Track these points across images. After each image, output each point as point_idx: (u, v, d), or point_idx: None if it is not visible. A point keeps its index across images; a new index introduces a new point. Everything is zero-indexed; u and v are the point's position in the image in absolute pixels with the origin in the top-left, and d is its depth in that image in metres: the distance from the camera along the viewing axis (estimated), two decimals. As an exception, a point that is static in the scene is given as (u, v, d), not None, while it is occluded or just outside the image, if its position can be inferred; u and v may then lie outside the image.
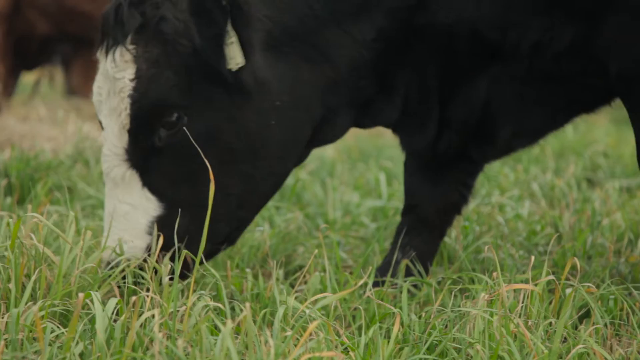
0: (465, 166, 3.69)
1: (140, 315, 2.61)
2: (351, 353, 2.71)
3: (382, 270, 3.60)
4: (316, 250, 3.35)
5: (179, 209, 3.13)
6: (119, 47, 3.11)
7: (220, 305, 2.78)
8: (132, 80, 3.10)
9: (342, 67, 3.24)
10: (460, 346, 2.74)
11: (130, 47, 3.11)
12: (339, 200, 5.01)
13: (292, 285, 3.63)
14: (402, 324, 2.90)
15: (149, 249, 3.11)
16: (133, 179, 3.14)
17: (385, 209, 4.88)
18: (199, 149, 3.03)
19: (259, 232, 4.16)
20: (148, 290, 2.91)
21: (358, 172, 6.09)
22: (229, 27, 3.07)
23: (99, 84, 3.19)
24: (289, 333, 2.64)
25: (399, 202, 5.03)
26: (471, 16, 3.20)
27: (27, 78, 11.05)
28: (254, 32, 3.12)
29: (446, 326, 2.94)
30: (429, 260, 3.68)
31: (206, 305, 2.77)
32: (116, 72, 3.12)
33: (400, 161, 6.59)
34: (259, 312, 3.09)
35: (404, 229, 3.69)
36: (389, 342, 2.71)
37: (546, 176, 5.61)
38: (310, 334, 2.67)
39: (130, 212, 3.13)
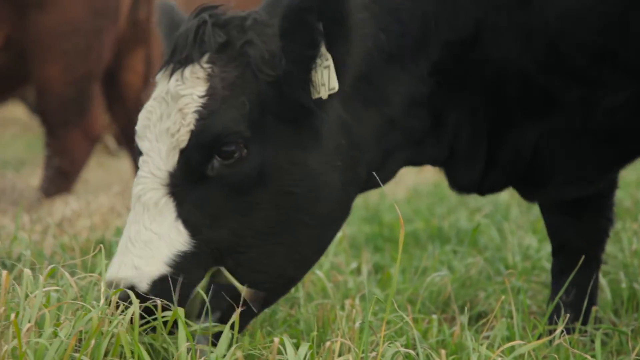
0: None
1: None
2: (546, 403, 2.64)
3: (550, 317, 3.50)
4: (503, 297, 3.28)
5: (213, 251, 2.88)
6: (191, 65, 2.95)
7: (410, 351, 2.77)
8: (201, 97, 2.91)
9: (399, 105, 3.11)
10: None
11: (206, 65, 2.95)
12: (516, 244, 4.92)
13: (476, 332, 3.58)
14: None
15: (160, 280, 2.82)
16: (167, 207, 2.88)
17: (565, 253, 4.75)
18: (251, 187, 2.87)
19: (438, 277, 4.12)
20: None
21: (534, 215, 5.97)
22: (324, 50, 2.92)
23: (150, 108, 2.99)
24: (482, 381, 2.60)
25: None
26: (519, 57, 3.10)
27: None
28: (350, 55, 2.96)
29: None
30: (594, 294, 3.60)
31: (397, 352, 2.76)
32: (182, 89, 2.94)
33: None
34: None
35: (560, 269, 3.62)
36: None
37: None
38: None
39: (154, 241, 2.86)
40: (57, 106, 6.94)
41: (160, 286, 2.80)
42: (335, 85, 2.91)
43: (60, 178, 6.95)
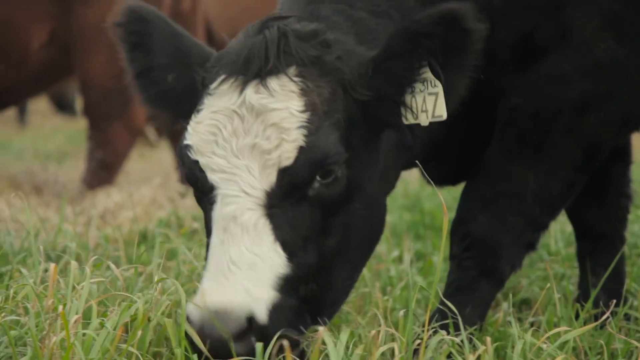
0: (615, 168, 3.62)
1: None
2: (593, 389, 2.62)
3: (582, 301, 3.50)
4: (548, 284, 3.27)
5: (304, 274, 2.79)
6: (275, 78, 2.79)
7: (455, 339, 2.77)
8: (302, 111, 2.78)
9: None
10: None
11: (296, 78, 2.80)
12: (559, 230, 4.89)
13: (519, 319, 3.56)
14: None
15: (275, 307, 2.71)
16: (265, 229, 2.75)
17: (609, 238, 4.72)
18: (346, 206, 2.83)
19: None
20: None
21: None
22: (431, 76, 2.85)
23: (213, 122, 2.82)
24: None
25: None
26: None
27: None
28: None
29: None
30: (623, 273, 3.63)
31: (442, 339, 2.76)
32: (271, 102, 2.78)
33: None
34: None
35: (586, 252, 3.63)
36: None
37: None
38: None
39: (257, 264, 2.72)
40: (100, 99, 7.00)
41: (275, 314, 2.70)
42: (443, 113, 2.86)
43: (103, 170, 7.01)
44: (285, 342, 2.61)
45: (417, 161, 3.05)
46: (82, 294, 2.73)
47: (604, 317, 2.92)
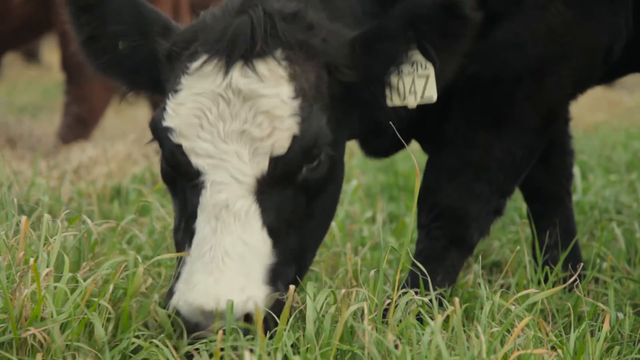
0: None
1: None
2: (559, 351, 2.66)
3: (564, 265, 3.55)
4: (518, 247, 3.30)
5: (286, 259, 2.78)
6: (262, 61, 2.74)
7: (424, 299, 2.80)
8: (293, 98, 2.74)
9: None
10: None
11: (284, 62, 2.76)
12: (531, 194, 4.92)
13: (489, 281, 3.60)
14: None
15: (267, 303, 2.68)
16: (255, 216, 2.72)
17: (580, 203, 4.77)
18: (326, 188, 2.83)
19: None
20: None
21: (550, 165, 5.97)
22: (421, 58, 2.84)
23: (197, 104, 2.75)
24: (495, 329, 2.62)
25: (595, 197, 4.91)
26: None
27: None
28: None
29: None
30: (574, 228, 3.73)
31: (411, 299, 2.79)
32: (261, 88, 2.73)
33: (596, 154, 6.44)
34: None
35: (538, 213, 3.70)
36: (597, 340, 2.65)
37: None
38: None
39: (248, 254, 2.69)
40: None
41: (268, 309, 2.67)
42: (434, 95, 2.86)
43: (78, 125, 6.99)
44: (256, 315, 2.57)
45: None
46: (54, 247, 2.73)
47: (572, 279, 2.95)
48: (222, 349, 2.49)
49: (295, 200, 2.78)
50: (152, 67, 2.89)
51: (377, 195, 5.25)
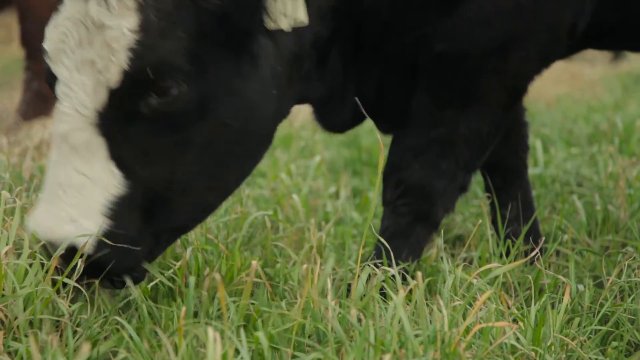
0: None
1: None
2: (520, 323, 2.68)
3: (526, 239, 3.59)
4: (480, 221, 3.32)
5: (146, 192, 2.71)
6: None
7: (387, 272, 2.81)
8: (134, 31, 2.64)
9: (308, 42, 3.02)
10: (634, 317, 2.68)
11: None
12: (494, 168, 4.95)
13: (452, 255, 3.62)
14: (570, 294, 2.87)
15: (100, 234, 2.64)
16: (99, 148, 2.66)
17: (542, 176, 4.81)
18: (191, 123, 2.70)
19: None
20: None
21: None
22: None
23: (64, 29, 2.70)
24: (457, 303, 2.64)
25: (556, 170, 4.94)
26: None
27: None
28: None
29: (616, 297, 2.89)
30: (531, 199, 3.75)
31: (374, 273, 2.80)
32: (107, 19, 2.65)
33: (558, 127, 6.48)
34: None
35: (496, 186, 3.72)
36: (558, 312, 2.68)
37: None
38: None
39: (87, 186, 2.64)
40: (38, 29, 6.85)
41: (102, 244, 2.62)
42: (303, 18, 2.80)
43: (39, 101, 6.91)
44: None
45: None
46: (13, 224, 2.70)
47: (533, 253, 2.98)
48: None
49: (153, 133, 2.69)
50: None
51: (340, 170, 5.26)
